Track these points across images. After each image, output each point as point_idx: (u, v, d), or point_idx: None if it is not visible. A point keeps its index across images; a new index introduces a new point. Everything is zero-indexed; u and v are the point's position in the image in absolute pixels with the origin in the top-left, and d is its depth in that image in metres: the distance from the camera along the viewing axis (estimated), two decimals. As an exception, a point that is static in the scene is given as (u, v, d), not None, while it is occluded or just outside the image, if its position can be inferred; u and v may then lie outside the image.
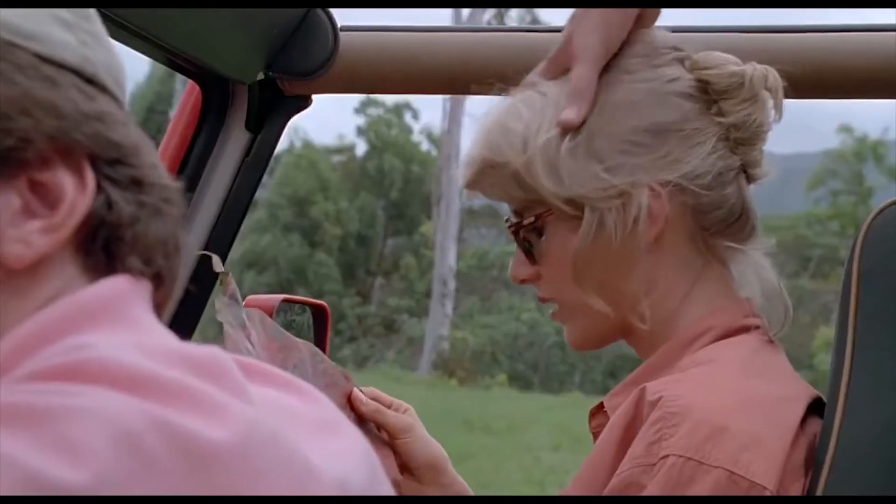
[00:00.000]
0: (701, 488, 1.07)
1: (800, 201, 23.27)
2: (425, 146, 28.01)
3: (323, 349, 1.86)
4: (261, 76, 1.58)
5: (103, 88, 0.72)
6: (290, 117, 1.63)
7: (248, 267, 22.86)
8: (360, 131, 27.53)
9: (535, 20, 23.72)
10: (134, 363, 0.61)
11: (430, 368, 20.85)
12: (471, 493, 1.46)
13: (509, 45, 1.57)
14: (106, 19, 1.27)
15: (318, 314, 1.84)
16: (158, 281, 0.73)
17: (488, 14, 23.12)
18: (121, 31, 1.33)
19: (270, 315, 1.73)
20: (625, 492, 1.10)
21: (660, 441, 1.09)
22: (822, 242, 21.48)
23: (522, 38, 1.58)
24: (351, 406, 1.43)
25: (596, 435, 1.27)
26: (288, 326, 1.80)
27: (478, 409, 14.51)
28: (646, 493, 1.08)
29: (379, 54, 1.60)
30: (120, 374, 0.60)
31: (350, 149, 28.03)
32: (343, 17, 1.60)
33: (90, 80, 0.71)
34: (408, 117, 27.38)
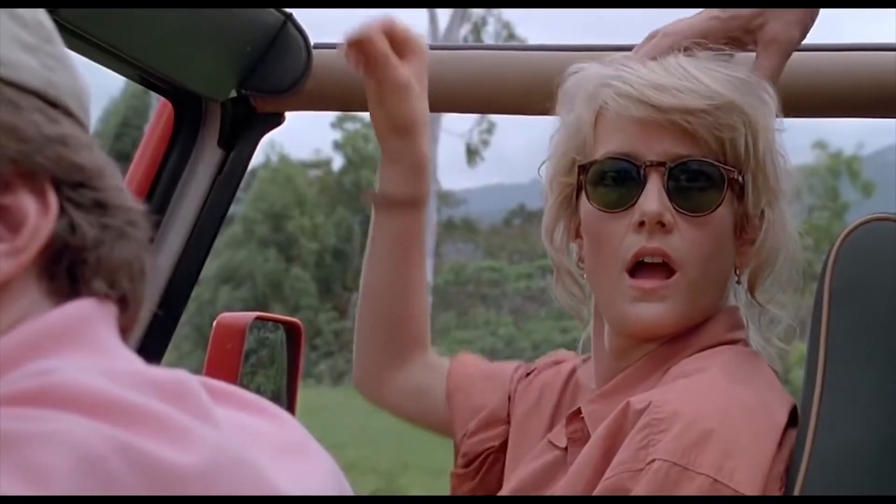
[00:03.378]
0: (685, 494, 1.08)
1: (775, 216, 23.32)
2: (402, 161, 27.94)
3: (296, 367, 1.85)
4: (234, 94, 1.58)
5: (67, 112, 0.71)
6: (263, 135, 1.63)
7: (224, 282, 22.79)
8: (337, 146, 27.53)
9: (511, 35, 23.80)
10: (99, 387, 0.60)
11: (406, 384, 20.79)
12: (428, 167, 1.43)
13: (482, 63, 1.57)
14: (77, 37, 1.27)
15: (292, 332, 1.83)
16: (124, 304, 0.73)
17: (464, 29, 23.19)
18: (92, 48, 1.33)
19: (243, 333, 1.73)
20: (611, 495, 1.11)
21: (647, 447, 1.10)
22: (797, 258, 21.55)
23: (496, 55, 1.58)
24: (361, 46, 1.33)
25: (573, 440, 1.27)
26: (261, 344, 1.79)
27: (454, 424, 14.46)
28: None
29: (352, 72, 1.60)
30: (85, 398, 0.59)
31: (326, 163, 28.01)
32: (316, 33, 1.60)
33: (53, 104, 0.70)
34: (385, 132, 27.32)
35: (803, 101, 1.46)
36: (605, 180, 1.25)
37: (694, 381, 1.18)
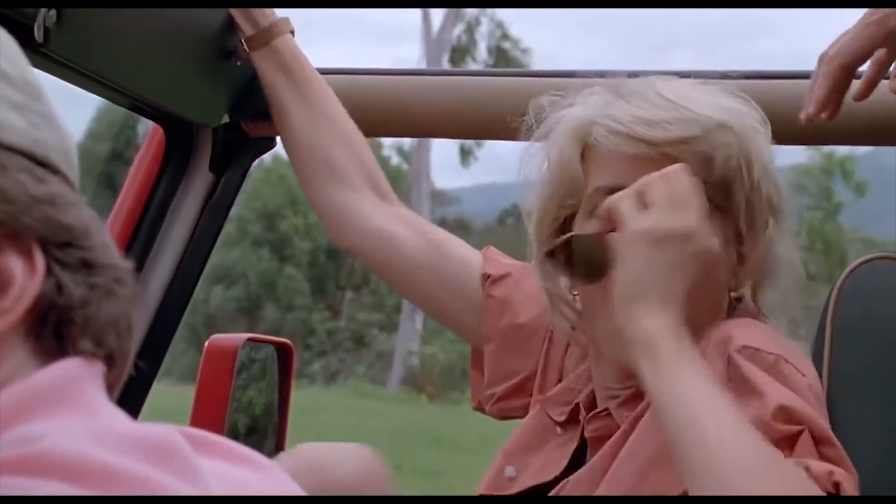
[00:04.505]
0: (758, 368, 1.13)
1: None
2: (395, 160, 28.03)
3: (287, 387, 1.86)
4: (225, 119, 1.58)
5: (55, 170, 0.71)
6: (254, 159, 1.63)
7: (217, 281, 22.78)
8: (331, 145, 27.43)
9: (504, 35, 23.82)
10: (86, 455, 0.60)
11: (399, 384, 20.81)
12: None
13: (472, 88, 1.58)
14: (68, 68, 1.27)
15: (283, 353, 1.84)
16: (111, 361, 0.73)
17: (458, 29, 23.19)
18: (82, 78, 1.33)
19: (234, 355, 1.73)
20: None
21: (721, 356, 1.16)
22: (790, 257, 21.57)
23: (484, 82, 1.59)
24: None
25: (593, 440, 1.29)
26: (251, 364, 1.80)
27: (447, 425, 14.50)
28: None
29: (341, 96, 1.60)
30: (72, 466, 0.59)
31: (320, 163, 27.90)
32: (309, 33, 1.61)
33: (41, 163, 0.70)
34: (378, 131, 27.33)
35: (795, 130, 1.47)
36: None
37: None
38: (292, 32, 1.52)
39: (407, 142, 26.50)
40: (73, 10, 1.17)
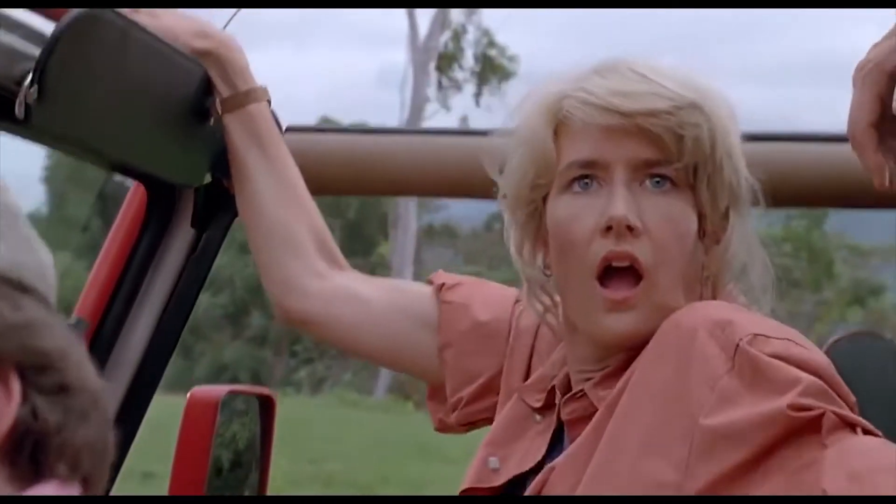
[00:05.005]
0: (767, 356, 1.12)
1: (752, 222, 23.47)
2: (382, 167, 27.95)
3: (269, 438, 1.86)
4: (208, 178, 1.58)
5: (32, 292, 0.72)
6: (236, 215, 1.63)
7: (204, 288, 22.73)
8: (317, 151, 27.42)
9: (491, 42, 23.82)
10: None
11: (386, 391, 20.77)
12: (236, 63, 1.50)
13: (454, 147, 1.59)
14: (48, 134, 1.28)
15: (265, 403, 1.84)
16: (86, 484, 0.73)
17: (445, 36, 23.20)
18: (63, 144, 1.33)
19: (216, 408, 1.73)
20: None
21: (724, 344, 1.14)
22: (776, 263, 21.64)
23: (464, 141, 1.60)
24: None
25: (570, 423, 1.28)
26: (232, 417, 1.80)
27: (434, 434, 14.48)
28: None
29: (323, 154, 1.61)
30: None
31: (306, 168, 27.90)
32: (300, 35, 1.61)
33: (18, 287, 0.71)
34: (365, 137, 27.32)
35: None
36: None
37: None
38: (269, 102, 1.52)
39: (394, 148, 26.43)
40: (54, 84, 1.17)
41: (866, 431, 1.09)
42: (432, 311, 1.49)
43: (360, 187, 1.66)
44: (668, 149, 1.23)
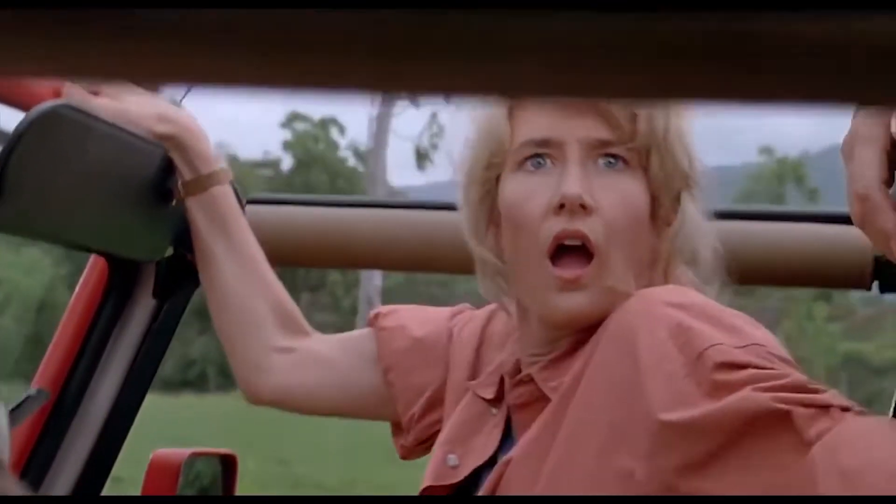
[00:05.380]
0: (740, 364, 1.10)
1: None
2: (352, 161, 28.01)
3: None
4: (169, 251, 1.59)
5: None
6: (198, 286, 1.63)
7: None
8: (287, 146, 27.42)
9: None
10: None
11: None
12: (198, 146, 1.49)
13: (417, 221, 1.60)
14: (8, 229, 1.28)
15: (227, 463, 1.85)
16: None
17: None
18: (23, 234, 1.34)
19: (178, 471, 1.74)
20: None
21: (684, 350, 1.12)
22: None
23: (429, 215, 1.61)
24: None
25: (517, 407, 1.27)
26: (195, 479, 1.81)
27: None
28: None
29: (285, 227, 1.62)
30: None
31: (276, 163, 27.91)
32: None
33: None
34: (334, 132, 27.32)
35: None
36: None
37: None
38: (231, 183, 1.52)
39: (363, 143, 26.46)
40: (14, 184, 1.18)
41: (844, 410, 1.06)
42: (372, 343, 1.49)
43: (321, 259, 1.67)
44: (622, 128, 1.23)
